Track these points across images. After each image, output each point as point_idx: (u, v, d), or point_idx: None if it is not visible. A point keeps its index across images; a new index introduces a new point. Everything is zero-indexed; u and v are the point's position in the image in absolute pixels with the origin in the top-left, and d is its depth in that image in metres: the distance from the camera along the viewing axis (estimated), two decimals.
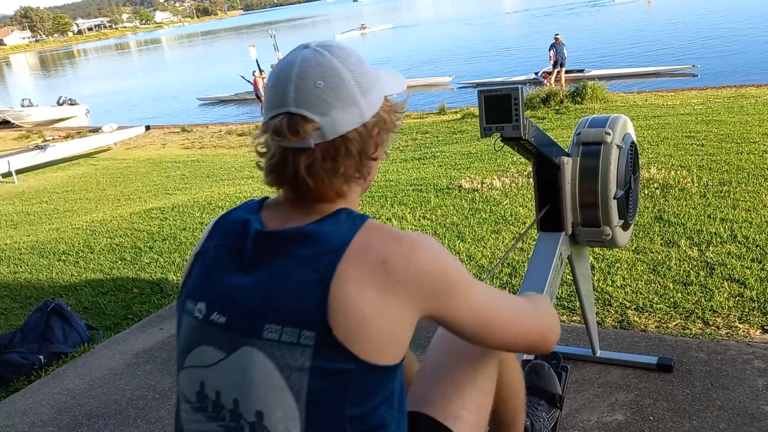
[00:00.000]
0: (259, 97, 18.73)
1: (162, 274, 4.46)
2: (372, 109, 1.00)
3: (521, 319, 1.09)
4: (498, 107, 1.81)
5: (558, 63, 16.33)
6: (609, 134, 2.18)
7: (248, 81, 18.99)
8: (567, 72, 16.52)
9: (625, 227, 2.32)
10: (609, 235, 2.21)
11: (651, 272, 3.35)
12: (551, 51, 16.46)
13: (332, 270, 0.91)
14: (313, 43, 1.01)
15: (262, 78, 18.46)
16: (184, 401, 1.03)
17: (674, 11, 29.27)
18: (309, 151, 0.97)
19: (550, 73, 16.61)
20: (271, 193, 1.07)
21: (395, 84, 1.08)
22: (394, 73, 1.11)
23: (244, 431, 0.94)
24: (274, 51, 19.33)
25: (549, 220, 2.18)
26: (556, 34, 16.49)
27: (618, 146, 2.20)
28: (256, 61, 18.83)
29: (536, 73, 17.11)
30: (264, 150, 1.02)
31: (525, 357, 1.77)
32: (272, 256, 0.96)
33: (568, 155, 2.19)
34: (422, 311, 0.96)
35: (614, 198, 2.18)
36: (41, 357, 3.26)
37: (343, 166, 0.99)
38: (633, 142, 2.31)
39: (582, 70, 16.81)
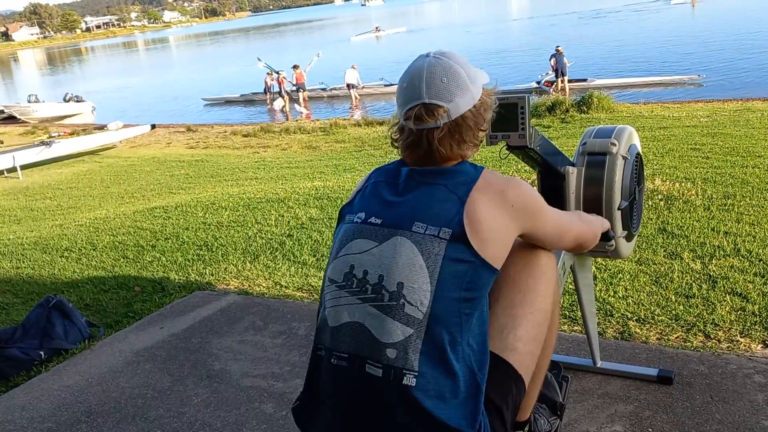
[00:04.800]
0: (278, 94, 20.10)
1: (164, 272, 4.46)
2: (478, 93, 1.40)
3: (576, 225, 1.64)
4: (504, 116, 1.81)
5: (559, 72, 16.40)
6: (615, 145, 2.18)
7: (268, 67, 19.96)
8: (569, 81, 16.57)
9: (628, 238, 2.32)
10: (612, 245, 2.21)
11: (653, 284, 3.34)
12: (552, 60, 16.58)
13: (467, 194, 1.33)
14: (432, 52, 1.41)
15: (271, 77, 19.56)
16: (330, 283, 1.37)
17: (715, 17, 28.89)
18: (439, 129, 1.36)
19: (553, 83, 16.66)
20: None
21: (485, 76, 1.46)
22: (481, 70, 1.49)
23: (383, 299, 1.28)
24: (306, 64, 20.14)
25: None
26: (558, 46, 16.57)
27: (623, 157, 2.19)
28: (266, 65, 19.88)
29: (538, 82, 17.14)
30: (397, 135, 1.43)
31: None
32: (419, 184, 1.37)
33: (573, 165, 2.19)
34: (521, 228, 1.39)
35: (618, 209, 2.18)
36: (41, 353, 3.26)
37: (464, 137, 1.39)
38: (638, 153, 2.31)
39: (585, 80, 16.81)
